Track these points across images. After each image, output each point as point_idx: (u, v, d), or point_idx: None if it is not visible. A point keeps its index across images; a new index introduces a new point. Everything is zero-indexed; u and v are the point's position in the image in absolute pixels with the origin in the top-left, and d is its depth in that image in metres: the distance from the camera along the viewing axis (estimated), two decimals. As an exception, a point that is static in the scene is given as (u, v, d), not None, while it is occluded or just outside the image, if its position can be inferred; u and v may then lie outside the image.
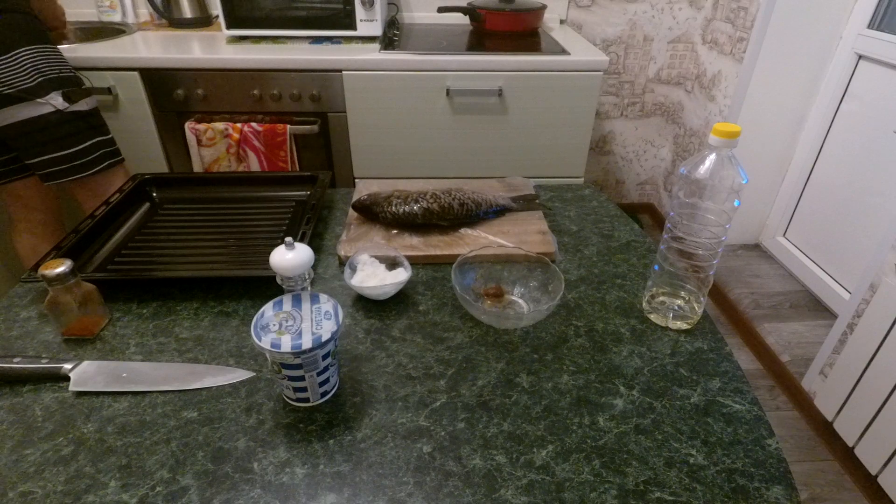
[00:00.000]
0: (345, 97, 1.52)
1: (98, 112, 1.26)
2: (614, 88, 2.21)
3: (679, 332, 0.70)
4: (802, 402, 1.54)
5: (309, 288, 0.67)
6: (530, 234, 0.86)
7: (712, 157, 0.61)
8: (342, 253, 0.81)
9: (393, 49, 1.55)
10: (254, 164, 1.53)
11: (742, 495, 0.50)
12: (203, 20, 1.78)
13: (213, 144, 1.51)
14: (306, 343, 0.52)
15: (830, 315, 1.78)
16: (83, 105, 1.20)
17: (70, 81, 1.19)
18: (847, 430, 1.34)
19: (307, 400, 0.58)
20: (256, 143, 1.50)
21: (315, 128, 1.53)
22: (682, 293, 0.71)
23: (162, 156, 1.59)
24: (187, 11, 1.75)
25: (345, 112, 1.55)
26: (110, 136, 1.29)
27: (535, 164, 1.68)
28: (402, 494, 0.50)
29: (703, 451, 0.54)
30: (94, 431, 0.55)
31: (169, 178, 1.02)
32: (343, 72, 1.49)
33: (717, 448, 0.55)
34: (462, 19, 1.79)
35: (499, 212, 0.91)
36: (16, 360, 0.61)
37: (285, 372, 0.55)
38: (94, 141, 1.24)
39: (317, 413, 0.58)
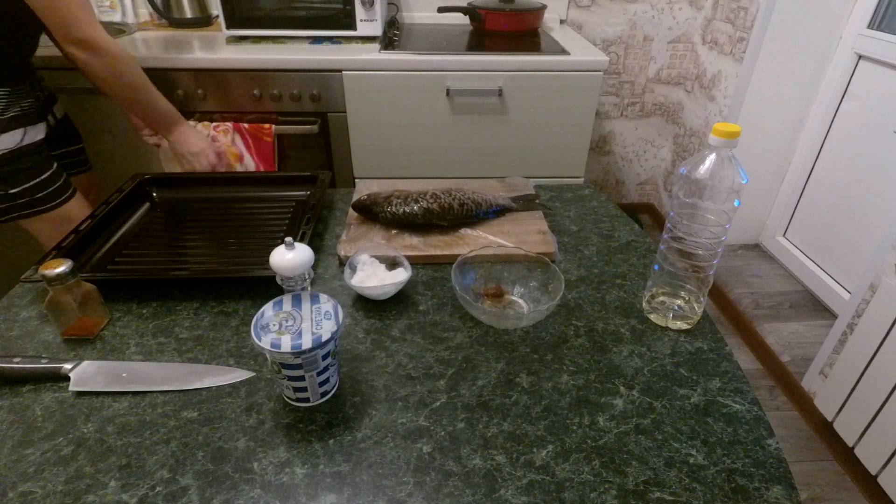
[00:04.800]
0: (345, 97, 1.52)
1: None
2: (614, 88, 2.21)
3: (679, 332, 0.70)
4: (802, 402, 1.54)
5: (309, 288, 0.67)
6: (530, 234, 0.86)
7: (712, 157, 0.61)
8: (342, 253, 0.81)
9: (393, 49, 1.54)
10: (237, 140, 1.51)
11: (742, 495, 0.50)
12: (203, 20, 1.78)
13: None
14: (306, 343, 0.52)
15: (830, 315, 1.78)
16: None
17: None
18: (847, 430, 1.34)
19: (307, 400, 0.58)
20: (244, 128, 1.50)
21: (315, 128, 1.53)
22: (682, 293, 0.71)
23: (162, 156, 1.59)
24: (187, 11, 1.75)
25: (345, 112, 1.55)
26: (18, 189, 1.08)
27: (535, 164, 1.68)
28: (402, 494, 0.50)
29: (703, 451, 0.54)
30: (94, 431, 0.55)
31: (169, 178, 1.02)
32: (343, 72, 1.49)
33: (717, 448, 0.55)
34: (462, 19, 1.79)
35: (499, 212, 0.91)
36: (16, 360, 0.61)
37: (285, 372, 0.55)
38: None
39: (317, 413, 0.58)
